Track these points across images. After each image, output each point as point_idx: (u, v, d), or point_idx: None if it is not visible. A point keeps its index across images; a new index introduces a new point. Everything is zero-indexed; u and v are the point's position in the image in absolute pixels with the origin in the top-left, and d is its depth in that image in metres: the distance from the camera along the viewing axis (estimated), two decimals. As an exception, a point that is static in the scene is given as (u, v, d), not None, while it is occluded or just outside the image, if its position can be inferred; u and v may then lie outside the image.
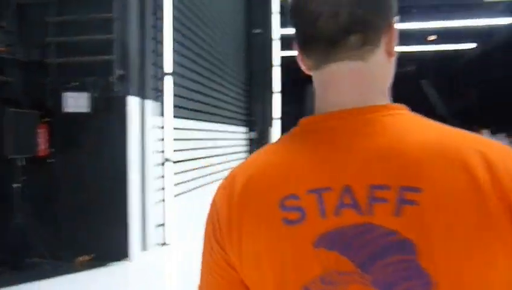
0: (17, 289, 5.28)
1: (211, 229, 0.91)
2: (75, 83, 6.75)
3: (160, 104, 7.89)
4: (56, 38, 7.16)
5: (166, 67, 7.75)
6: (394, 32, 0.89)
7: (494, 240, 0.67)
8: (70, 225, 6.76)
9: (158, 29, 7.96)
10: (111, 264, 6.25)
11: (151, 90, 7.65)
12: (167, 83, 7.80)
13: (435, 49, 37.99)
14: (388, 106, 0.87)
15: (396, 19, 0.90)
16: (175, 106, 8.14)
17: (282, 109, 22.34)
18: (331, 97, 0.90)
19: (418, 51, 37.92)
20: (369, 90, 0.86)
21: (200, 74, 13.85)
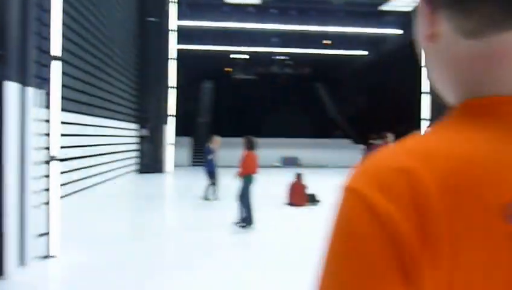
0: None
1: (382, 256, 0.59)
2: None
3: (46, 93, 6.82)
4: None
5: (54, 51, 6.67)
6: None
7: None
8: None
9: (44, 10, 6.91)
10: (-20, 285, 5.11)
11: (34, 78, 6.57)
12: (54, 69, 6.71)
13: (329, 54, 40.02)
14: None
15: None
16: (62, 98, 7.06)
17: (177, 105, 21.49)
18: (508, 75, 0.68)
19: (314, 53, 39.63)
20: None
21: (90, 63, 12.63)
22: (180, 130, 22.76)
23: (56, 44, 6.58)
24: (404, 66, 29.31)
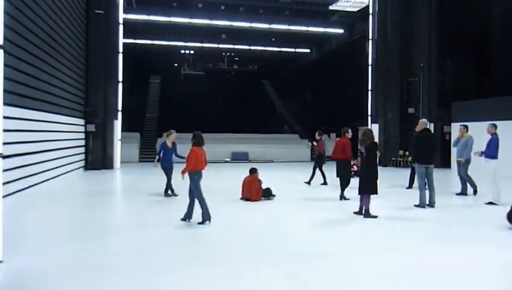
0: None
1: None
2: None
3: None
4: None
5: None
6: None
7: None
8: None
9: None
10: None
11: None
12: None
13: (275, 51, 40.21)
14: None
15: None
16: (4, 91, 6.52)
17: (123, 100, 20.82)
18: None
19: (261, 50, 39.72)
20: None
21: (34, 55, 11.96)
22: (126, 126, 22.11)
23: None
24: (348, 63, 30.11)
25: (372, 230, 7.56)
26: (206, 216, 7.78)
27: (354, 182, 9.96)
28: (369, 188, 8.38)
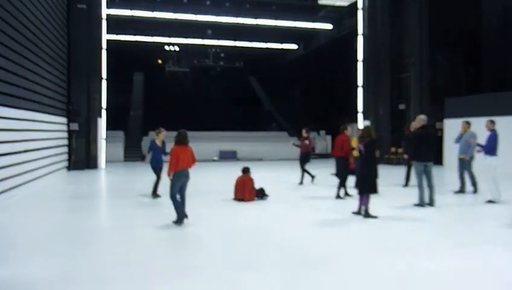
0: None
1: None
2: None
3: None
4: None
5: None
6: None
7: None
8: None
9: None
10: None
11: None
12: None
13: (262, 47, 39.68)
14: None
15: None
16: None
17: (106, 98, 20.14)
18: None
19: (246, 47, 39.14)
20: None
21: (13, 50, 11.29)
22: (110, 124, 21.45)
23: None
24: (337, 59, 29.79)
25: (374, 232, 7.18)
26: (180, 217, 7.46)
27: (350, 180, 9.61)
28: (368, 187, 8.03)
